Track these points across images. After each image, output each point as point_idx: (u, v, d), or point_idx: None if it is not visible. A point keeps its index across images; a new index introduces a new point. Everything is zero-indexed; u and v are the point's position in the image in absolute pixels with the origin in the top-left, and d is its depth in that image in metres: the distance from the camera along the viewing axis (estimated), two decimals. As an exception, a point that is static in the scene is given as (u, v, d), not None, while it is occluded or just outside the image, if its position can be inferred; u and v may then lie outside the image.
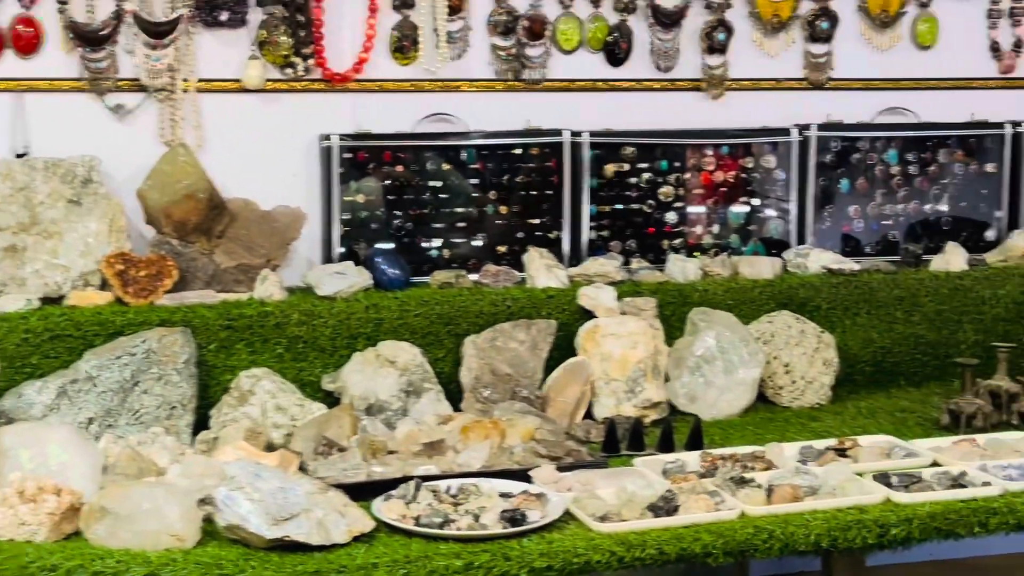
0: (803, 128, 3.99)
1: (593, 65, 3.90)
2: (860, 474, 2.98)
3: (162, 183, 3.51)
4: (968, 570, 3.92)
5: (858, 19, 4.06)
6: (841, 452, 3.15)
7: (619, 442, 3.24)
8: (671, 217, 3.96)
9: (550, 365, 3.55)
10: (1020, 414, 3.41)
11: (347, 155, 3.70)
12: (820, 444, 3.20)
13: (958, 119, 4.12)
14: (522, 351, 3.54)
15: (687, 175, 3.97)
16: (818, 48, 4.02)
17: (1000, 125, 4.12)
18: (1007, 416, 3.42)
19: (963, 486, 2.92)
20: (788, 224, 4.01)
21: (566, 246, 3.86)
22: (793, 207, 4.01)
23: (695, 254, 3.93)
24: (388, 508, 2.72)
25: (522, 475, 2.92)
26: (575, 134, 3.83)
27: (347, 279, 3.56)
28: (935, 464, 3.09)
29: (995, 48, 4.16)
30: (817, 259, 3.91)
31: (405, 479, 2.83)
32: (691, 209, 3.98)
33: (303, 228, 3.63)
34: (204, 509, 2.64)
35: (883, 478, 2.96)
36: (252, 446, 3.04)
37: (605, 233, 3.91)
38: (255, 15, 3.62)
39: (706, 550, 2.67)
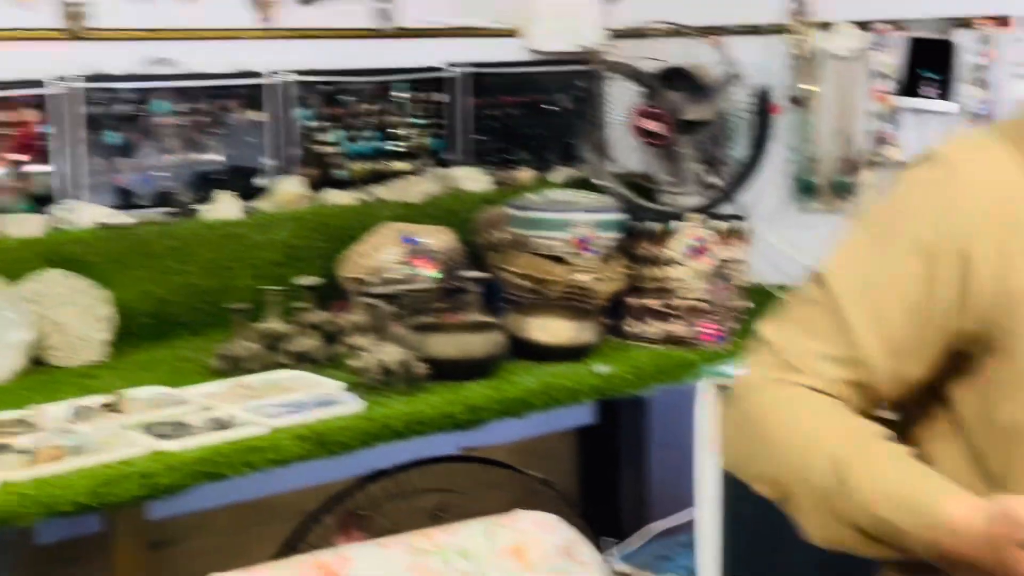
0: (66, 80, 3.86)
1: None
2: (132, 428, 2.96)
3: None
4: (262, 508, 4.02)
5: (114, -32, 3.97)
6: (113, 408, 3.10)
7: None
8: (-78, 177, 3.70)
9: None
10: (290, 353, 3.52)
11: None
12: (92, 401, 3.14)
13: (225, 69, 4.16)
14: None
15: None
16: (71, -3, 3.89)
17: (262, 75, 4.21)
18: (279, 356, 3.53)
19: (228, 428, 2.98)
20: (57, 179, 3.87)
21: None
22: (64, 161, 3.87)
23: (-45, 215, 3.70)
24: None
25: None
26: None
27: None
28: (207, 409, 3.12)
29: (255, -1, 4.24)
30: (88, 213, 3.81)
31: None
32: (-52, 168, 3.74)
33: None
34: None
35: (152, 429, 2.95)
36: None
37: None
38: None
39: (-38, 526, 2.54)
